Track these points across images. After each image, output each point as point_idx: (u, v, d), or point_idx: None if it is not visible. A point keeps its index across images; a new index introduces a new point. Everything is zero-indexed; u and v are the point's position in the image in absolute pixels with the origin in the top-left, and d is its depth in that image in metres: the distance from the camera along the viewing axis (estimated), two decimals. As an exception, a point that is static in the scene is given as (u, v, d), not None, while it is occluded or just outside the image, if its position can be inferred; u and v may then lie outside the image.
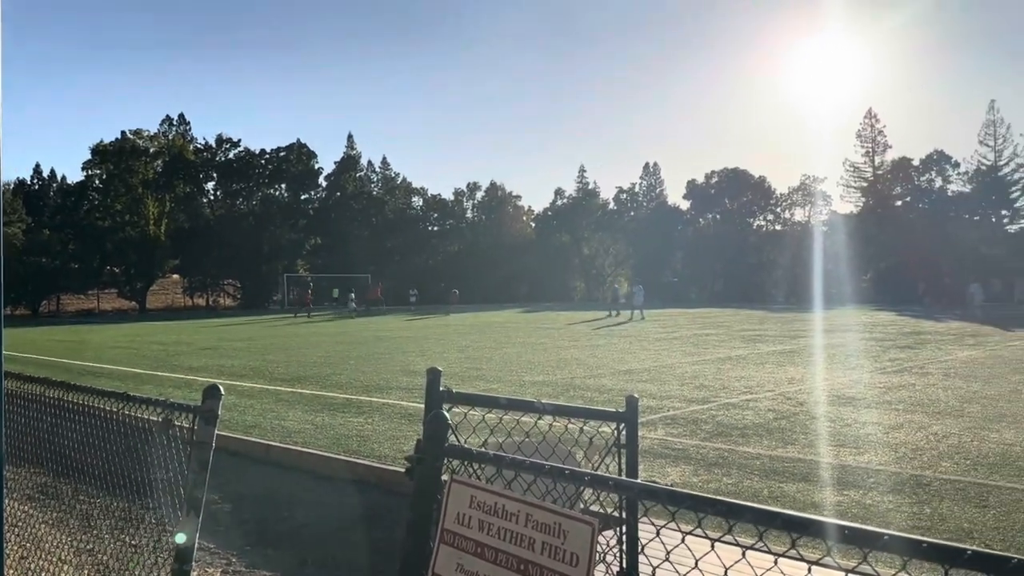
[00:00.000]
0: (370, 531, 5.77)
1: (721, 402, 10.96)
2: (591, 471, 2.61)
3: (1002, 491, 6.30)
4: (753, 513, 1.71)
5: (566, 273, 79.50)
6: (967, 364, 15.39)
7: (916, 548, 1.44)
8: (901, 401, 10.87)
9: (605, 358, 17.29)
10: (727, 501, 1.75)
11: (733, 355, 17.75)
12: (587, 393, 11.81)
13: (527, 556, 2.07)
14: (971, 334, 23.68)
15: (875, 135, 74.58)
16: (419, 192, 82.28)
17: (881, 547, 1.51)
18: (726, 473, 7.04)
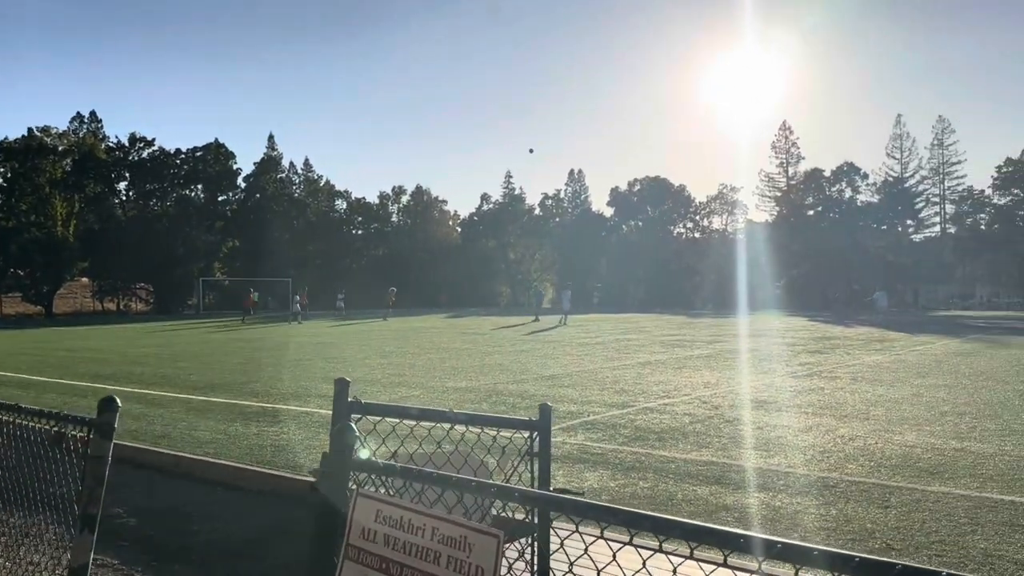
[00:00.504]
0: (283, 545, 5.63)
1: (640, 406, 11.14)
2: (501, 482, 2.61)
3: (903, 491, 6.58)
4: (652, 522, 1.73)
5: (492, 278, 79.70)
6: (873, 368, 16.07)
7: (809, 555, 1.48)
8: (810, 404, 11.27)
9: (529, 363, 17.37)
10: (629, 511, 1.76)
11: (653, 360, 18.08)
12: (510, 399, 11.83)
13: (432, 570, 2.04)
14: (878, 339, 24.74)
15: (789, 147, 77.40)
16: (343, 195, 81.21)
17: (776, 555, 1.55)
18: (642, 477, 7.15)
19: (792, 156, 77.29)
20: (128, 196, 71.87)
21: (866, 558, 1.45)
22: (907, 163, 74.53)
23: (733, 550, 1.60)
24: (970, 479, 6.93)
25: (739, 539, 1.63)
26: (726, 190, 78.59)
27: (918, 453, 7.98)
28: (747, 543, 1.59)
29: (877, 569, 1.44)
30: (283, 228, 71.49)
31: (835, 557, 1.48)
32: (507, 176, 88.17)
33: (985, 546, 5.21)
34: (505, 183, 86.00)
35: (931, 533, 5.50)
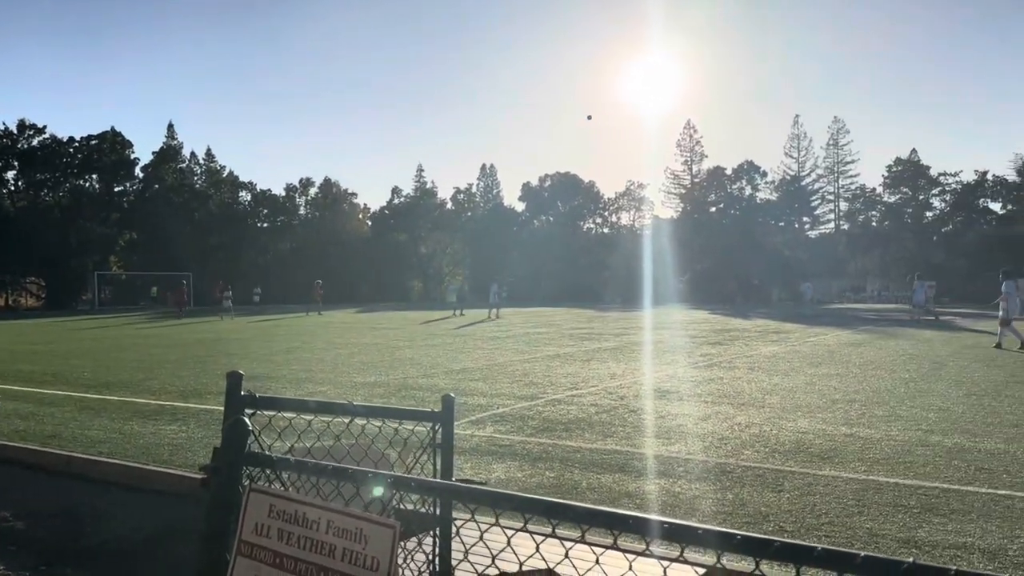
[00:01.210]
0: (181, 544, 5.45)
1: (548, 398, 11.27)
2: (401, 473, 2.60)
3: (795, 476, 6.88)
4: (546, 507, 1.75)
5: (403, 272, 79.03)
6: (770, 359, 16.73)
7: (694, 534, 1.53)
8: (710, 394, 11.65)
9: (439, 358, 17.32)
10: (523, 496, 1.78)
11: (562, 353, 18.32)
12: (420, 393, 11.77)
13: (327, 564, 2.01)
14: (774, 331, 25.77)
15: (693, 145, 79.69)
16: (247, 186, 78.90)
17: (660, 534, 1.60)
18: (549, 467, 7.24)
19: (696, 154, 79.66)
20: (17, 186, 67.89)
21: (748, 536, 1.51)
22: (804, 162, 77.92)
23: (622, 531, 1.64)
24: (858, 463, 7.30)
25: (628, 520, 1.68)
26: (634, 187, 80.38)
27: (810, 439, 8.36)
28: (636, 524, 1.65)
29: (757, 544, 1.52)
30: (183, 220, 68.96)
31: (719, 536, 1.54)
32: (419, 170, 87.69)
33: (871, 526, 5.51)
34: (417, 177, 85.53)
35: (821, 515, 5.77)
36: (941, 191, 70.62)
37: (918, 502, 6.02)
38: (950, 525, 5.48)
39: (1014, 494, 6.19)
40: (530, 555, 1.80)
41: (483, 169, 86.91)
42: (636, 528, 1.64)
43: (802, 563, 1.43)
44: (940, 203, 71.14)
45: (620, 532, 1.65)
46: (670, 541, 1.58)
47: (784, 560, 1.47)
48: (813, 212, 77.50)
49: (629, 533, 1.64)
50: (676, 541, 1.59)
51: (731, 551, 1.54)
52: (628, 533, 1.64)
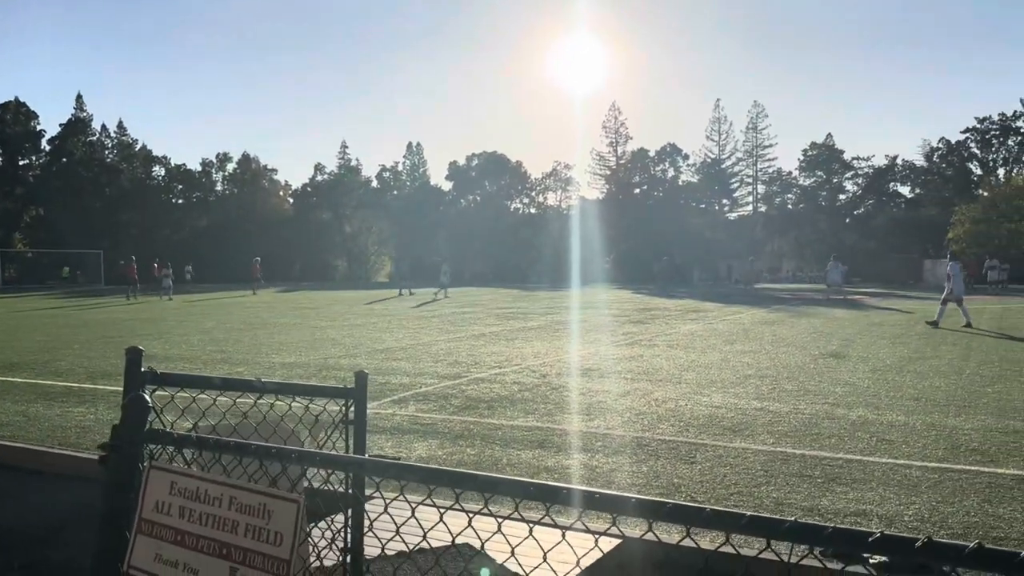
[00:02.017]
0: (88, 530, 5.27)
1: (472, 377, 11.31)
2: (308, 449, 2.57)
3: (707, 448, 7.10)
4: (450, 477, 1.77)
5: (327, 251, 77.69)
6: (688, 337, 17.17)
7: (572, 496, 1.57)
8: (630, 371, 11.90)
9: (362, 338, 17.15)
10: (427, 468, 1.80)
11: (487, 332, 18.38)
12: (341, 373, 11.65)
13: (230, 540, 1.99)
14: (693, 310, 26.42)
15: (618, 127, 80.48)
16: (161, 161, 76.07)
17: (561, 500, 1.64)
18: (470, 444, 7.29)
19: (621, 136, 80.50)
20: (-92, 157, 63.86)
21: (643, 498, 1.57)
22: (724, 145, 79.68)
23: (523, 498, 1.67)
24: (767, 435, 7.59)
25: (529, 487, 1.71)
26: (560, 167, 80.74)
27: (723, 413, 8.63)
28: (537, 491, 1.68)
29: (651, 508, 1.57)
30: (94, 196, 66.19)
31: (612, 499, 1.59)
32: (343, 146, 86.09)
33: (777, 495, 5.74)
34: (340, 153, 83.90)
35: (731, 485, 5.98)
36: (854, 175, 73.33)
37: (822, 472, 6.30)
38: (851, 494, 5.76)
39: (912, 463, 6.53)
40: (434, 524, 1.81)
41: (409, 147, 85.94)
42: (538, 496, 1.68)
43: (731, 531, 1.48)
44: (853, 186, 73.90)
45: (522, 499, 1.68)
46: (569, 506, 1.62)
47: (715, 528, 1.52)
48: (732, 194, 79.52)
49: (531, 500, 1.67)
50: (576, 507, 1.63)
51: (628, 515, 1.59)
52: (530, 500, 1.67)
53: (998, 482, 5.96)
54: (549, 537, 1.98)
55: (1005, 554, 1.22)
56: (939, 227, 56.58)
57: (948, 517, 5.18)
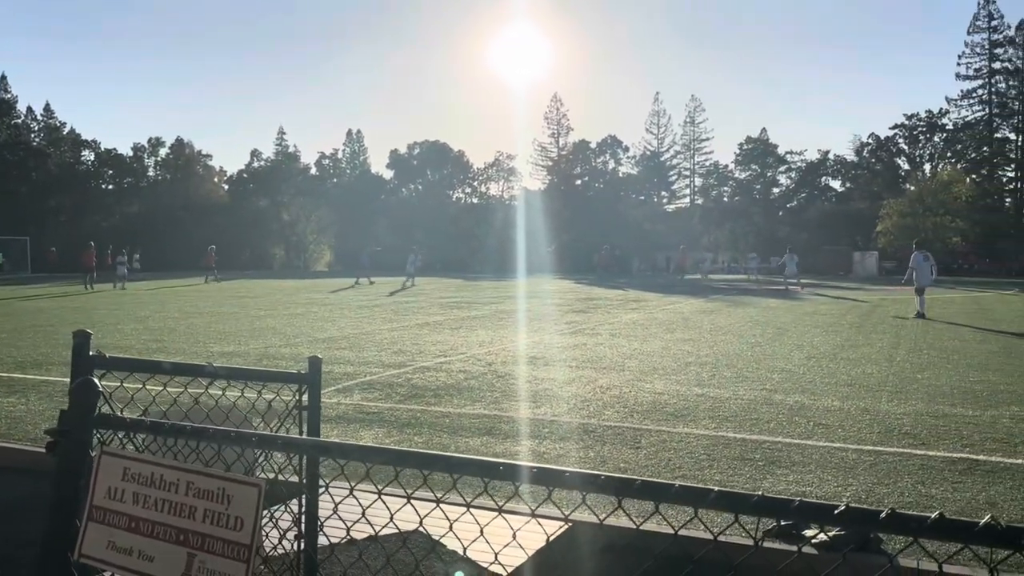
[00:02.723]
0: (23, 522, 5.08)
1: (417, 366, 11.25)
2: (267, 433, 2.52)
3: (651, 433, 7.22)
4: (417, 459, 1.76)
5: (264, 239, 76.11)
6: (630, 325, 17.39)
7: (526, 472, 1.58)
8: (575, 359, 12.00)
9: (304, 327, 16.90)
10: (394, 449, 1.78)
11: (431, 321, 18.30)
12: (282, 362, 11.46)
13: (187, 526, 1.94)
14: (634, 300, 26.77)
15: (560, 118, 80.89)
16: (90, 145, 73.35)
17: (531, 479, 1.65)
18: (417, 432, 7.26)
19: (563, 127, 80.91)
20: None
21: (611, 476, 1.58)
22: (663, 138, 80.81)
23: (492, 478, 1.67)
24: (709, 420, 7.75)
25: (498, 467, 1.71)
26: (503, 157, 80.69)
27: (666, 399, 8.78)
28: (506, 471, 1.68)
29: (619, 483, 1.59)
30: (19, 180, 63.50)
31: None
32: (280, 132, 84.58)
33: (720, 478, 5.87)
34: (278, 140, 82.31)
35: (675, 469, 6.10)
36: (787, 169, 75.14)
37: (763, 455, 6.47)
38: (791, 476, 5.92)
39: (847, 447, 6.75)
40: (400, 507, 1.80)
41: (349, 134, 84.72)
42: (506, 475, 1.68)
43: (699, 506, 1.50)
44: (786, 180, 75.74)
45: (490, 480, 1.68)
46: (538, 485, 1.62)
47: (684, 503, 1.54)
48: (671, 187, 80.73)
49: (499, 480, 1.67)
50: (545, 485, 1.64)
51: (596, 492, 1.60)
52: (498, 480, 1.67)
53: (930, 464, 6.20)
54: (513, 520, 1.98)
55: (966, 524, 1.27)
56: (868, 220, 58.41)
57: (884, 497, 5.37)
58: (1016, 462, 6.22)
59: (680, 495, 1.55)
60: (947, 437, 7.04)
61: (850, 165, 73.81)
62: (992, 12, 69.37)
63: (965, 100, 70.77)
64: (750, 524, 4.07)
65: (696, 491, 1.52)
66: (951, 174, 57.54)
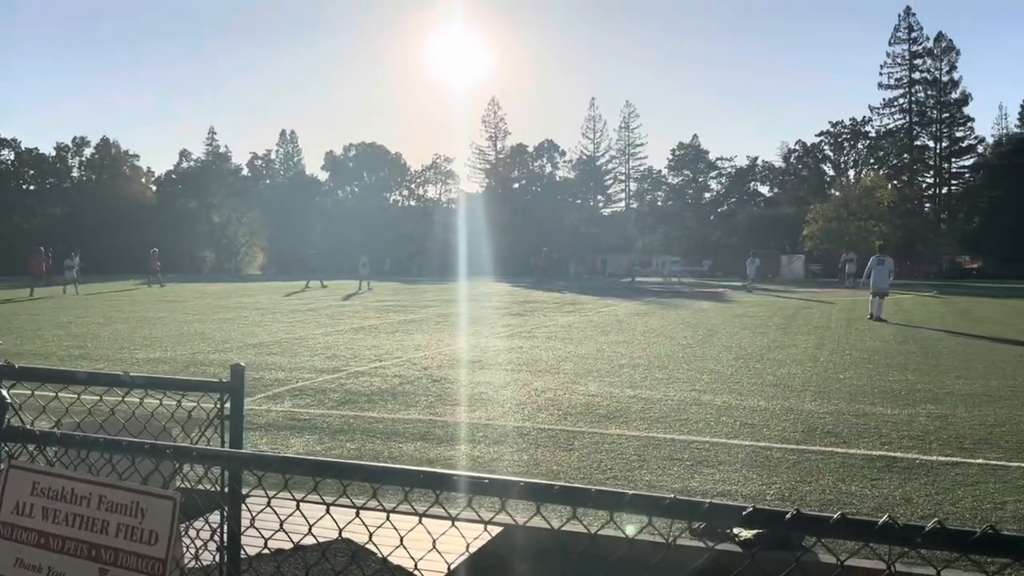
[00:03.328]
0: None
1: (351, 371, 11.13)
2: (183, 444, 2.47)
3: (585, 435, 7.30)
4: (337, 469, 1.75)
5: (194, 242, 74.16)
6: (565, 328, 17.54)
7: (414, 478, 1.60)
8: (510, 362, 12.04)
9: (234, 332, 16.53)
10: (313, 460, 1.76)
11: (366, 325, 18.12)
12: (211, 369, 11.19)
13: (100, 540, 1.89)
14: (570, 303, 27.01)
15: (497, 122, 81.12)
16: (10, 144, 70.39)
17: (451, 486, 1.65)
18: (350, 439, 7.18)
19: (500, 131, 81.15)
20: None
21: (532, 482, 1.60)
22: (599, 143, 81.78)
23: (413, 487, 1.67)
24: (640, 421, 7.88)
25: (419, 475, 1.71)
26: (441, 160, 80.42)
27: (599, 401, 8.89)
28: (427, 479, 1.69)
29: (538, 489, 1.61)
30: (-70, 180, 60.54)
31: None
32: (211, 132, 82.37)
33: (649, 478, 5.97)
34: (209, 140, 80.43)
35: (607, 470, 6.18)
36: (718, 174, 76.92)
37: (691, 455, 6.61)
38: (718, 475, 6.07)
39: (772, 445, 6.95)
40: (320, 517, 1.78)
41: (283, 135, 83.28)
42: (427, 483, 1.69)
43: (614, 510, 1.53)
44: (717, 185, 77.52)
45: (412, 488, 1.68)
46: (459, 492, 1.63)
47: (599, 508, 1.56)
48: (607, 191, 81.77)
49: (420, 488, 1.68)
50: (466, 492, 1.65)
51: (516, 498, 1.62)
52: (420, 488, 1.68)
53: (850, 461, 6.43)
54: (436, 527, 1.98)
55: (866, 523, 1.33)
56: (795, 224, 60.17)
57: (806, 495, 5.55)
58: (931, 459, 6.49)
59: (597, 499, 1.58)
60: (867, 435, 7.30)
61: (778, 171, 75.95)
62: (912, 24, 72.35)
63: (887, 109, 73.62)
64: (673, 526, 4.16)
65: (612, 495, 1.56)
66: (874, 180, 59.71)
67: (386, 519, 1.66)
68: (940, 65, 71.57)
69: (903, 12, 73.15)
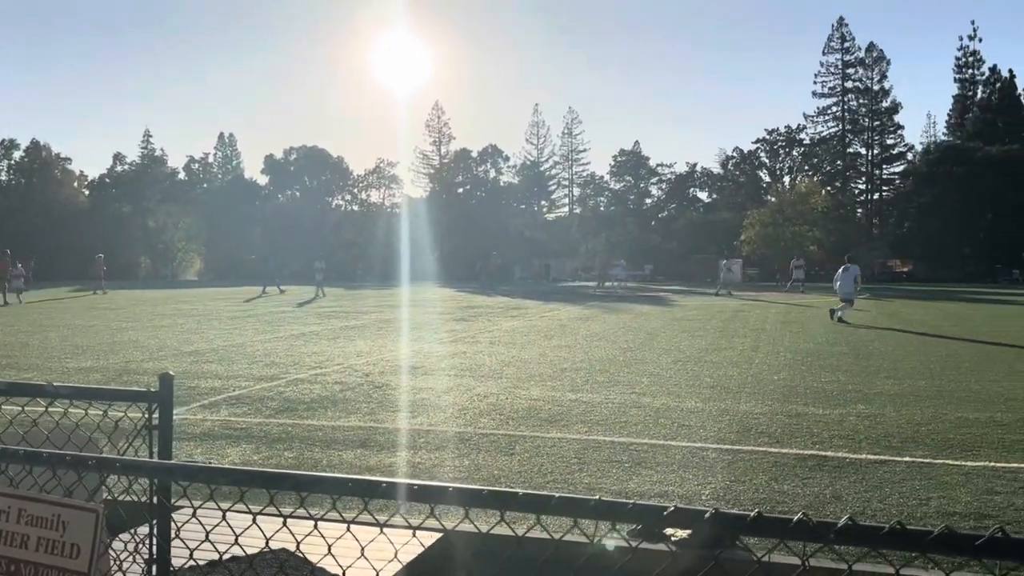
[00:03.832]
0: None
1: (290, 378, 10.97)
2: (107, 456, 2.41)
3: (526, 439, 7.34)
4: (263, 478, 1.73)
5: (128, 248, 72.06)
6: (509, 333, 17.59)
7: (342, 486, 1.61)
8: (453, 367, 12.03)
9: (168, 339, 16.14)
10: (240, 469, 1.75)
11: (307, 331, 17.88)
12: (144, 377, 10.90)
13: (20, 555, 1.84)
14: (514, 307, 27.09)
15: (441, 126, 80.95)
16: (-68, 146, 67.51)
17: (381, 494, 1.66)
18: (288, 447, 7.08)
19: (444, 136, 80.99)
20: None
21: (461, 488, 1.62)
22: (543, 149, 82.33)
23: (342, 495, 1.67)
24: (581, 425, 7.95)
25: (347, 483, 1.71)
26: (384, 164, 79.84)
27: (540, 405, 8.95)
28: (355, 487, 1.69)
29: (469, 495, 1.63)
30: None
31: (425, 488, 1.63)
32: (146, 135, 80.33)
33: (589, 480, 6.04)
34: (144, 143, 78.42)
35: (547, 474, 6.22)
36: (658, 180, 78.21)
37: (630, 457, 6.70)
38: (655, 476, 6.16)
39: (708, 446, 7.09)
40: (246, 527, 1.77)
41: (221, 138, 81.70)
42: (356, 491, 1.69)
43: (541, 512, 1.55)
44: (657, 191, 78.81)
45: (340, 496, 1.68)
46: (388, 499, 1.64)
47: (527, 511, 1.58)
48: (550, 196, 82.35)
49: (349, 496, 1.68)
50: (394, 499, 1.66)
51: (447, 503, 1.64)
52: (348, 496, 1.68)
53: (782, 461, 6.60)
54: (367, 535, 1.98)
55: (782, 520, 1.38)
56: (733, 230, 61.45)
57: (740, 495, 5.68)
58: (860, 457, 6.70)
59: (524, 503, 1.60)
60: (799, 435, 7.50)
61: (716, 177, 77.52)
62: (845, 34, 74.66)
63: (821, 117, 75.80)
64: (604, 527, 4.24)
65: (539, 498, 1.58)
66: (808, 186, 61.33)
67: (314, 527, 1.66)
68: (872, 74, 74.07)
69: (836, 22, 75.57)
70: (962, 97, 73.04)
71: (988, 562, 1.20)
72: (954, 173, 55.83)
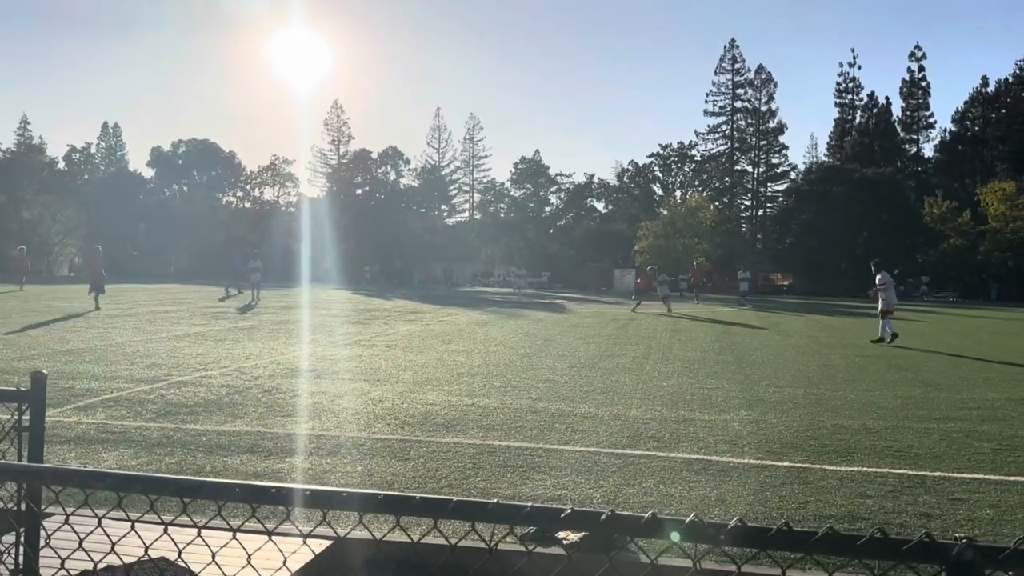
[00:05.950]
0: None
1: (173, 380, 10.50)
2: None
3: (421, 444, 7.27)
4: (143, 483, 1.64)
5: (0, 239, 67.39)
6: (406, 337, 17.43)
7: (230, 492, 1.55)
8: (348, 371, 11.81)
9: (41, 339, 15.17)
10: (118, 473, 1.65)
11: (192, 332, 17.18)
12: (14, 377, 10.20)
13: None
14: (412, 311, 26.87)
15: (340, 125, 79.78)
16: None
17: (269, 500, 1.59)
18: (169, 453, 6.76)
19: (343, 135, 79.84)
20: None
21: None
22: (444, 153, 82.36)
23: (228, 501, 1.60)
24: (477, 429, 7.94)
25: (234, 489, 1.64)
26: (279, 162, 77.80)
27: (437, 410, 8.89)
28: (243, 492, 1.61)
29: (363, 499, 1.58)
30: None
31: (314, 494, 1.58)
32: (23, 121, 75.60)
33: (484, 485, 6.03)
34: (20, 130, 73.73)
35: (442, 479, 6.18)
36: (557, 189, 79.48)
37: (524, 462, 6.74)
38: (549, 480, 6.22)
39: (600, 451, 7.21)
40: (123, 535, 1.67)
41: (105, 128, 77.79)
42: (242, 496, 1.61)
43: (439, 516, 1.52)
44: (556, 200, 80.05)
45: (225, 503, 1.60)
46: (274, 504, 1.58)
47: (423, 515, 1.55)
48: (451, 201, 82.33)
49: (235, 502, 1.60)
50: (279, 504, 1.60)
51: (341, 509, 1.58)
52: (234, 502, 1.60)
53: (670, 465, 6.78)
54: (255, 543, 1.91)
55: (674, 522, 1.41)
56: (627, 240, 63.10)
57: (630, 498, 5.80)
58: (743, 462, 6.97)
59: (420, 507, 1.58)
60: (686, 440, 7.74)
61: (612, 189, 79.45)
62: (736, 56, 78.01)
63: (711, 134, 78.94)
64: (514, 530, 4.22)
65: (436, 502, 1.56)
66: (698, 201, 63.66)
67: (197, 535, 1.58)
68: (760, 95, 77.72)
69: (728, 44, 78.86)
70: (842, 120, 77.60)
71: (868, 561, 1.26)
72: (833, 192, 59.09)
